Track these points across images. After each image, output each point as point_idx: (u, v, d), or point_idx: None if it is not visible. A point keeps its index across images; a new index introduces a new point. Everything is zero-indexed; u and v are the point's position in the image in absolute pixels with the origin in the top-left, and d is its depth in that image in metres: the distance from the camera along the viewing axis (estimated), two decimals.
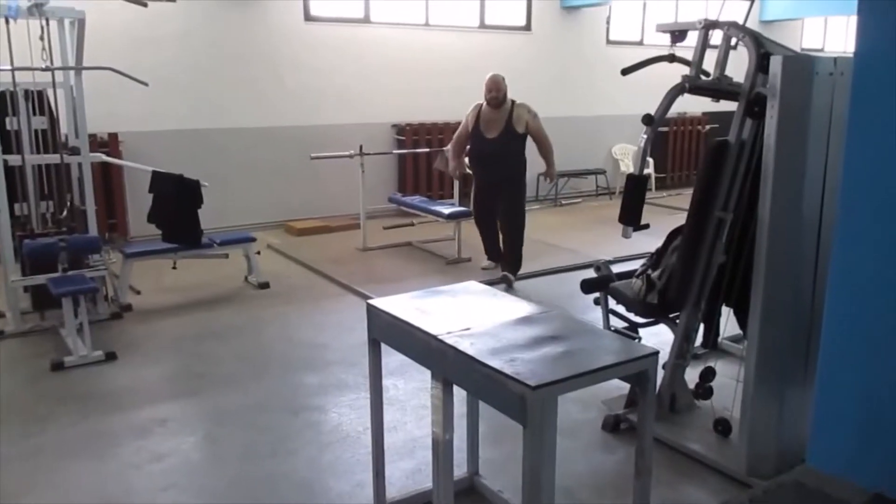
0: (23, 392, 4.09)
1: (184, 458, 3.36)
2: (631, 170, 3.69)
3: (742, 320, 3.27)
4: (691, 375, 3.61)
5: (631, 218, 3.42)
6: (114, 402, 3.93)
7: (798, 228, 2.91)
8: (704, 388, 3.48)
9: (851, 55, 2.25)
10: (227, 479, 3.18)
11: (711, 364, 3.54)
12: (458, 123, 9.80)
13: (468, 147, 6.26)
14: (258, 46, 8.21)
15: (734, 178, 3.20)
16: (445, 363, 2.29)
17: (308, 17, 8.45)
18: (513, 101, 6.03)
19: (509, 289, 5.90)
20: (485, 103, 6.05)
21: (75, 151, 5.27)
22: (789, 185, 2.87)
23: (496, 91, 5.97)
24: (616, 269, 3.87)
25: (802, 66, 2.82)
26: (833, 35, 13.82)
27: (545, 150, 6.16)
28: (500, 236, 6.27)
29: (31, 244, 4.69)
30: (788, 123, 2.83)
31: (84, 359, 4.42)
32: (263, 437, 3.53)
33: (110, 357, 4.49)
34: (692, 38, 3.50)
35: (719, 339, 3.72)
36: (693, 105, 7.84)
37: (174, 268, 5.91)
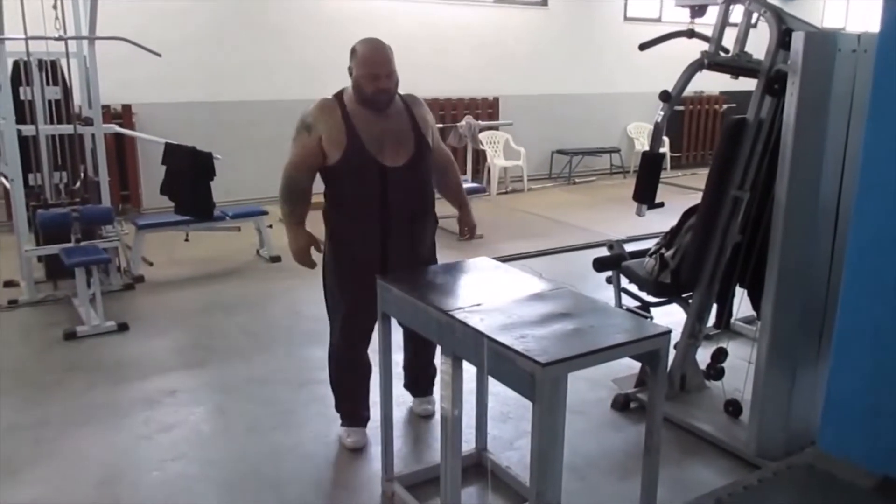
0: (35, 360, 4.12)
1: (192, 429, 3.38)
2: (646, 148, 3.64)
3: (756, 301, 3.24)
4: (703, 356, 3.58)
5: (645, 196, 3.38)
6: (124, 373, 3.96)
7: (815, 209, 2.86)
8: (716, 368, 3.45)
9: (875, 33, 2.20)
10: (234, 451, 3.19)
11: (723, 345, 3.52)
12: (473, 101, 9.93)
13: (331, 192, 3.03)
14: (271, 19, 8.16)
15: (751, 157, 3.15)
16: (455, 339, 2.27)
17: None
18: (399, 94, 3.04)
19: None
20: (352, 100, 2.94)
21: (89, 122, 5.27)
22: (808, 165, 2.82)
23: (388, 77, 2.91)
24: (629, 247, 3.83)
25: (825, 42, 2.76)
26: (855, 13, 13.58)
27: (457, 180, 3.32)
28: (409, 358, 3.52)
29: (44, 214, 4.70)
30: (809, 101, 2.77)
31: (96, 329, 4.44)
32: (271, 410, 3.55)
33: (122, 328, 4.51)
34: (712, 14, 3.44)
35: (732, 320, 3.69)
36: (710, 84, 7.77)
37: (186, 240, 5.93)
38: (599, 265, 3.72)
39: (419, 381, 3.53)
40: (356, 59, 2.93)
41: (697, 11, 3.50)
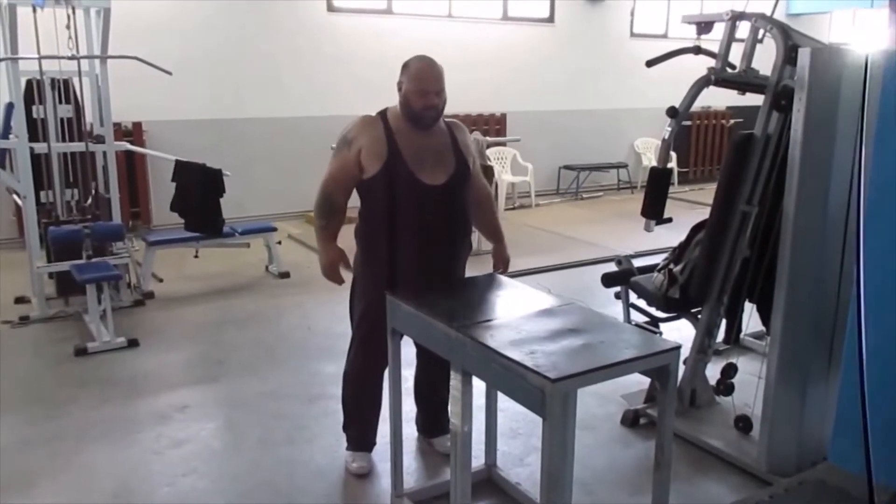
0: (46, 376, 4.14)
1: (203, 445, 3.39)
2: (653, 163, 3.65)
3: (765, 316, 3.23)
4: (712, 371, 3.57)
5: (653, 211, 3.39)
6: (135, 388, 3.97)
7: (823, 224, 2.86)
8: (725, 384, 3.44)
9: (881, 49, 2.21)
10: (245, 466, 3.20)
11: (733, 360, 3.51)
12: (480, 117, 9.96)
13: (366, 208, 3.09)
14: (281, 37, 8.23)
15: (759, 172, 3.16)
16: (465, 354, 2.28)
17: (331, 8, 8.46)
18: (444, 118, 3.04)
19: None
20: (396, 118, 2.92)
21: (100, 140, 5.32)
22: (815, 180, 2.83)
23: (437, 95, 2.91)
24: (637, 263, 3.83)
25: (832, 58, 2.78)
26: (862, 29, 13.58)
27: (492, 214, 3.24)
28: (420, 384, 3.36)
29: (56, 231, 4.75)
30: (816, 117, 2.78)
31: (107, 345, 4.46)
32: (281, 424, 3.55)
33: (132, 343, 4.53)
34: (718, 30, 3.46)
35: (741, 335, 3.68)
36: (717, 99, 7.79)
37: (196, 256, 5.96)
38: (608, 280, 3.72)
39: (430, 417, 3.36)
40: (408, 74, 2.90)
41: (704, 28, 3.52)
